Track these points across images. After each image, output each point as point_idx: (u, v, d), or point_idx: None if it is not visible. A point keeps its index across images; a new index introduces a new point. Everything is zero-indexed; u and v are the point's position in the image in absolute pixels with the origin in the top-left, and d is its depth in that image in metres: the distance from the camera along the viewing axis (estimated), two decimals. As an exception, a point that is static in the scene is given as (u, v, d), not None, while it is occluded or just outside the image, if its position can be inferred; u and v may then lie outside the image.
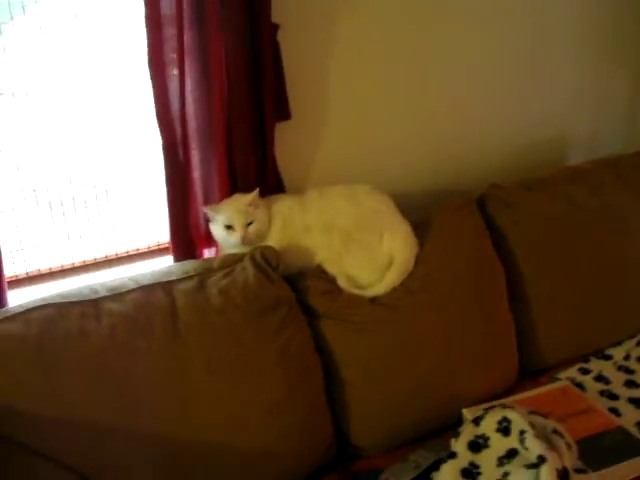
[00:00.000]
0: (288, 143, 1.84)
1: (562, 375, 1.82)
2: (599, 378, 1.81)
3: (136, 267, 1.85)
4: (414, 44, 2.00)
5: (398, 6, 1.93)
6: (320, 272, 1.69)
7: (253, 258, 1.61)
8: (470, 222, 1.82)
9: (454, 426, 1.61)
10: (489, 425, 1.48)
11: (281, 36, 1.71)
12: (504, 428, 1.45)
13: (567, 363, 1.87)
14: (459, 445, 1.48)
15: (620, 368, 1.84)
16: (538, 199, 1.89)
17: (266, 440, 1.50)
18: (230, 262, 1.63)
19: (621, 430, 1.58)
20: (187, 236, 1.77)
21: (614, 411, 1.67)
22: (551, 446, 1.40)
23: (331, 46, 1.87)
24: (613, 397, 1.73)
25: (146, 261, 1.87)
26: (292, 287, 1.64)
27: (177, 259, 1.76)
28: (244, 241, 1.66)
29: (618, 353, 1.90)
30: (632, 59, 2.41)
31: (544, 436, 1.42)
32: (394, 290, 1.66)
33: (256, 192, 1.69)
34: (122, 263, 1.85)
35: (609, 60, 2.35)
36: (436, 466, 1.47)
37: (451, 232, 1.78)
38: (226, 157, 1.71)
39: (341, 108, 1.94)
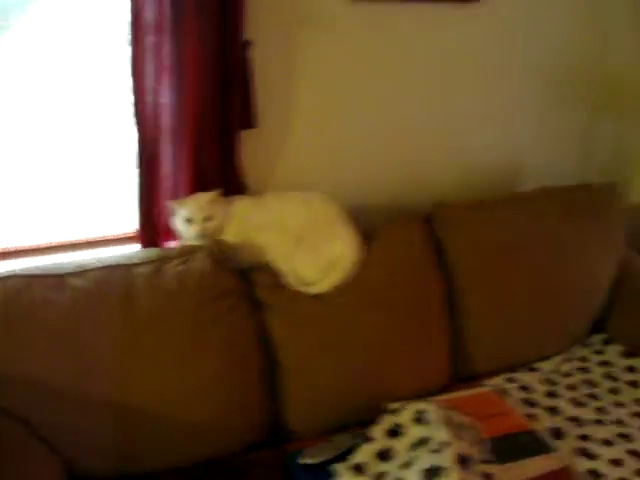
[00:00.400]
0: (254, 149, 2.01)
1: (489, 382, 1.96)
2: (523, 387, 1.96)
3: (105, 252, 2.01)
4: (378, 65, 2.16)
5: (365, 30, 2.10)
6: (270, 268, 1.84)
7: (209, 249, 1.78)
8: (415, 236, 1.98)
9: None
10: (406, 416, 1.63)
11: (254, 50, 1.88)
12: (419, 418, 1.60)
13: (497, 373, 2.01)
14: (377, 431, 1.63)
15: (545, 380, 1.99)
16: (481, 219, 2.05)
17: (206, 412, 1.66)
18: (188, 252, 1.79)
19: (532, 433, 1.71)
20: (153, 227, 1.93)
21: (530, 416, 1.82)
22: (459, 436, 1.55)
23: (300, 62, 2.04)
24: (532, 404, 1.87)
25: (115, 247, 2.02)
26: (243, 279, 1.80)
27: (143, 247, 1.93)
28: (201, 235, 1.82)
29: (545, 367, 2.05)
30: (588, 94, 2.57)
31: (455, 428, 1.57)
32: (334, 289, 1.82)
33: (217, 192, 1.85)
34: (93, 247, 2.01)
35: (566, 94, 2.51)
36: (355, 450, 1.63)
37: (397, 244, 1.95)
38: (194, 158, 1.87)
39: (306, 121, 2.10)
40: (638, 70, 2.63)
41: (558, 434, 1.76)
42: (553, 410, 1.85)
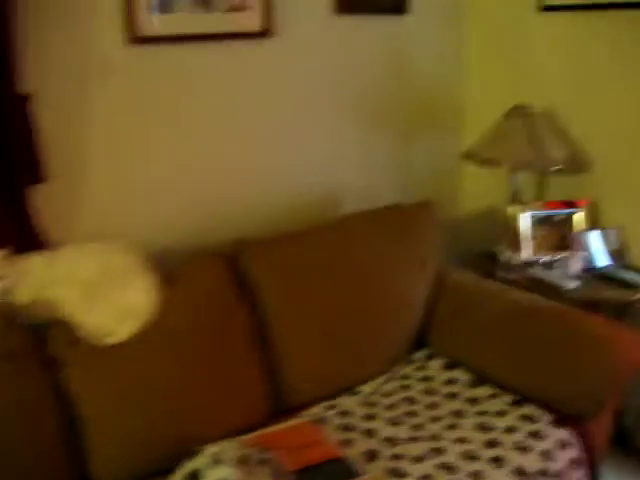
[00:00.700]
0: (52, 203, 1.96)
1: (309, 412, 1.95)
2: (342, 413, 1.95)
3: None
4: (169, 105, 2.16)
5: (150, 71, 2.10)
6: (65, 323, 1.77)
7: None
8: (216, 274, 1.97)
9: None
10: (203, 459, 1.59)
11: (40, 102, 1.86)
12: (217, 460, 1.57)
13: (319, 401, 2.00)
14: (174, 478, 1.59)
15: (365, 403, 1.99)
16: (284, 249, 2.07)
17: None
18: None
19: (340, 460, 1.70)
20: None
21: (347, 442, 1.81)
22: (253, 473, 1.53)
23: (89, 109, 2.01)
24: (349, 429, 1.87)
25: None
26: (35, 337, 1.73)
27: None
28: None
29: (367, 389, 2.06)
30: (389, 125, 2.69)
31: (252, 465, 1.55)
32: (133, 338, 1.77)
33: (4, 251, 1.79)
34: None
35: (371, 124, 2.63)
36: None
37: (197, 283, 1.93)
38: None
39: (103, 168, 2.08)
40: (441, 91, 2.82)
41: (371, 456, 1.76)
42: (369, 432, 1.86)
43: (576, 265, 2.42)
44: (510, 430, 1.84)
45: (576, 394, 1.90)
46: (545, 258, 2.46)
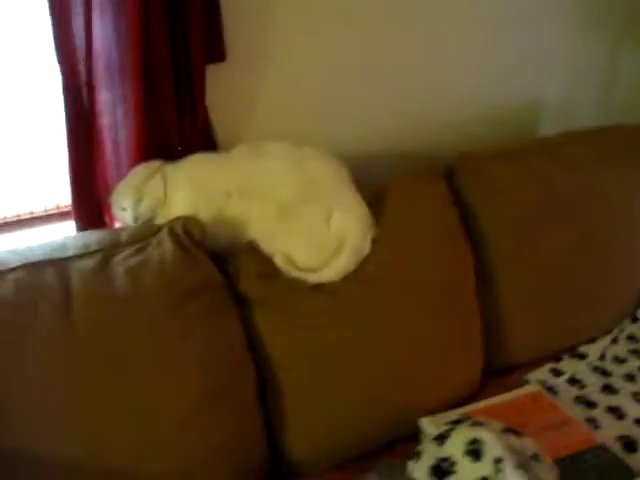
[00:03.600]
0: (221, 91, 1.51)
1: (532, 377, 1.58)
2: (573, 381, 1.58)
3: (28, 235, 1.50)
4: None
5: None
6: (254, 249, 1.37)
7: (172, 231, 1.30)
8: (435, 196, 1.53)
9: (408, 439, 1.38)
10: (456, 446, 1.21)
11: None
12: (474, 451, 1.19)
13: (537, 362, 1.62)
14: (419, 470, 1.21)
15: (595, 369, 1.61)
16: (512, 173, 1.62)
17: (181, 459, 1.20)
18: (143, 234, 1.31)
19: (603, 449, 1.34)
20: (93, 198, 1.44)
21: (591, 422, 1.45)
22: (532, 477, 1.16)
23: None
24: (590, 405, 1.50)
25: (42, 227, 1.52)
26: (220, 268, 1.33)
27: (81, 226, 1.44)
28: (138, 222, 1.38)
29: (593, 351, 1.66)
30: (612, 25, 2.15)
31: (523, 464, 1.18)
32: (346, 277, 1.36)
33: (157, 163, 1.41)
34: (10, 229, 1.50)
35: (588, 26, 2.08)
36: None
37: (412, 207, 1.49)
38: (142, 104, 1.38)
39: (289, 47, 1.61)
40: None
41: (630, 445, 1.40)
42: (614, 411, 1.49)
43: None
44: None
45: None
46: None
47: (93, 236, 1.32)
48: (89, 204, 1.43)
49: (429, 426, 1.39)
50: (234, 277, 1.34)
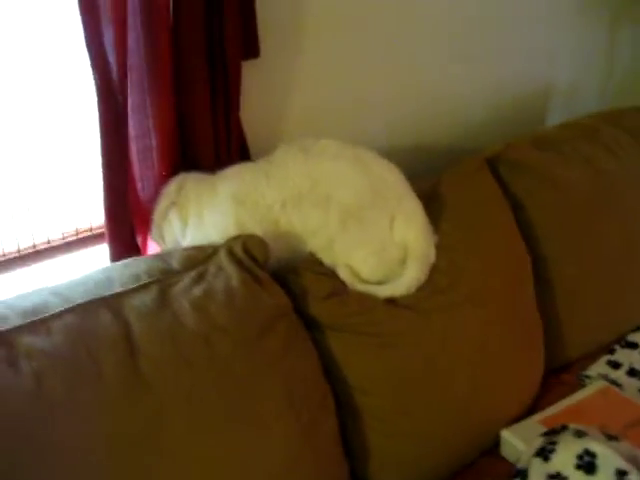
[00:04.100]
0: (251, 91, 1.37)
1: (591, 372, 1.53)
2: (632, 372, 1.53)
3: (48, 267, 1.32)
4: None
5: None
6: (315, 265, 1.24)
7: (231, 253, 1.15)
8: (488, 193, 1.44)
9: (487, 452, 1.31)
10: (565, 461, 1.14)
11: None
12: (587, 464, 1.12)
13: (590, 355, 1.57)
14: (530, 487, 1.14)
15: (653, 360, 1.59)
16: (554, 162, 1.54)
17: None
18: (197, 259, 1.15)
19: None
20: (127, 216, 1.27)
21: (661, 415, 1.41)
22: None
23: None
24: (655, 396, 1.47)
25: (61, 257, 1.33)
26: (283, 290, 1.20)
27: (116, 250, 1.26)
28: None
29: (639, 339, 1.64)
30: (611, 5, 2.11)
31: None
32: (420, 288, 1.25)
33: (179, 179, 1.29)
34: (25, 263, 1.30)
35: (588, 8, 2.04)
36: (503, 522, 1.14)
37: (468, 207, 1.39)
38: (171, 108, 1.22)
39: (321, 44, 1.48)
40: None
41: None
42: (683, 402, 1.46)
43: None
44: None
45: None
46: None
47: (138, 265, 1.15)
48: (124, 224, 1.26)
49: (512, 438, 1.31)
50: (300, 299, 1.20)
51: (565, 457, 1.13)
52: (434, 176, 1.45)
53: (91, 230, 1.34)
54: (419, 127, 1.74)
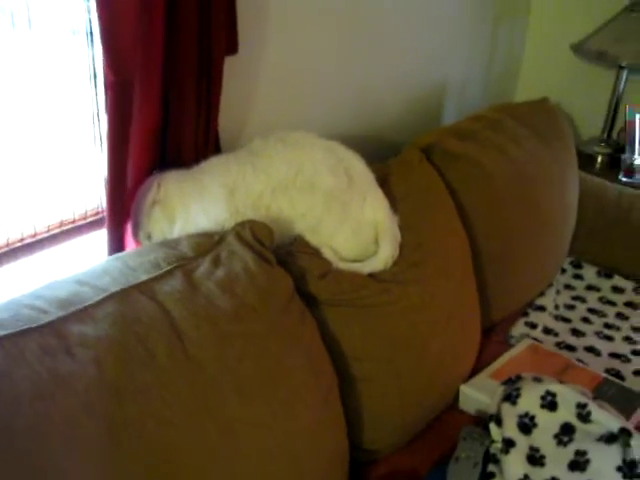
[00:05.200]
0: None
1: (514, 332, 1.77)
2: (547, 331, 1.80)
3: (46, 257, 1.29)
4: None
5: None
6: (305, 247, 1.34)
7: (240, 237, 1.22)
8: (430, 179, 1.62)
9: (450, 408, 1.51)
10: (531, 402, 1.34)
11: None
12: (550, 403, 1.33)
13: (510, 319, 1.82)
14: (510, 430, 1.32)
15: (557, 318, 1.86)
16: (476, 150, 1.76)
17: (314, 466, 1.18)
18: (207, 245, 1.21)
19: (609, 382, 1.56)
20: (124, 202, 1.29)
21: (579, 362, 1.67)
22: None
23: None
24: (571, 349, 1.73)
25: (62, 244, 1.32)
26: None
27: (113, 234, 1.28)
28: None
29: (548, 303, 1.90)
30: (493, 4, 2.39)
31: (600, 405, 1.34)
32: (395, 263, 1.40)
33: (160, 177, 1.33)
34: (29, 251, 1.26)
35: (477, 6, 2.30)
36: (488, 458, 1.31)
37: (416, 191, 1.56)
38: (159, 103, 1.26)
39: (275, 40, 1.57)
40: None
41: (619, 375, 1.63)
42: (591, 350, 1.73)
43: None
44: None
45: None
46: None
47: (151, 253, 1.18)
48: (121, 209, 1.27)
49: (472, 391, 1.50)
50: (299, 279, 1.29)
51: (530, 399, 1.34)
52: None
53: (74, 222, 1.33)
54: (353, 118, 1.89)
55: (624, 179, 2.30)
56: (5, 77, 1.20)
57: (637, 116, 2.35)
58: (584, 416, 1.29)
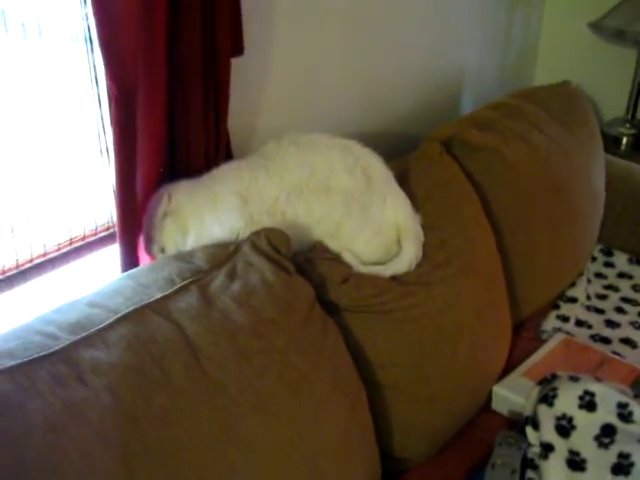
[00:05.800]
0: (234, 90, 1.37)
1: (545, 327, 1.70)
2: (579, 323, 1.73)
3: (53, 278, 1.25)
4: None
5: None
6: (325, 252, 1.29)
7: (256, 247, 1.17)
8: (452, 173, 1.55)
9: (482, 410, 1.45)
10: (569, 403, 1.28)
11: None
12: (588, 403, 1.27)
13: (541, 313, 1.75)
14: (548, 433, 1.26)
15: (589, 309, 1.79)
16: (497, 140, 1.69)
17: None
18: (222, 256, 1.16)
19: (645, 375, 1.51)
20: (135, 215, 1.24)
21: (616, 355, 1.60)
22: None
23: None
24: (606, 341, 1.66)
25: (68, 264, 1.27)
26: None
27: (125, 249, 1.24)
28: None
29: (579, 294, 1.83)
30: None
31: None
32: (419, 264, 1.34)
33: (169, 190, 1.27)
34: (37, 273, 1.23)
35: None
36: (526, 463, 1.26)
37: (439, 187, 1.50)
38: (165, 109, 1.21)
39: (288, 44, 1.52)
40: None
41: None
42: (628, 342, 1.66)
43: None
44: None
45: None
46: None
47: (164, 268, 1.13)
48: (132, 223, 1.23)
49: (505, 392, 1.44)
50: (319, 286, 1.23)
51: (567, 399, 1.28)
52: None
53: (84, 238, 1.29)
54: (364, 114, 1.83)
55: (651, 160, 2.21)
56: (7, 92, 1.16)
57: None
58: (626, 416, 1.23)
